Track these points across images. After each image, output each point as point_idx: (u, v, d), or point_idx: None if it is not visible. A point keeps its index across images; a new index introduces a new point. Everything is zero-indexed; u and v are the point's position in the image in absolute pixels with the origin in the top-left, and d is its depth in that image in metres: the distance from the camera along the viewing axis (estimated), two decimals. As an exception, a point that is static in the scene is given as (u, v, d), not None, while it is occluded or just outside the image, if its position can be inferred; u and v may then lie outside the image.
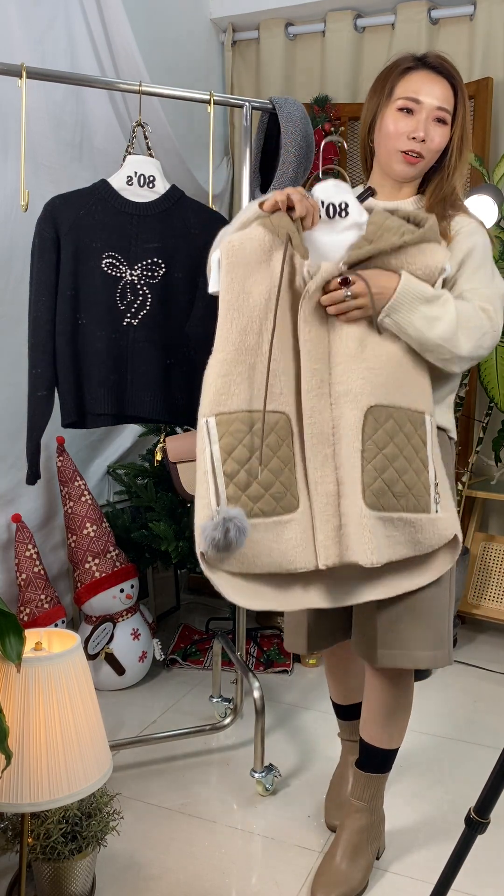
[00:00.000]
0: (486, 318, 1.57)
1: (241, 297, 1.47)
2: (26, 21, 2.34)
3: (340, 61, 3.39)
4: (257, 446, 1.46)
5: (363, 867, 1.75)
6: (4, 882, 1.73)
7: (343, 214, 1.53)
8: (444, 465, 1.64)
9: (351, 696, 1.96)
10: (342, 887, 1.70)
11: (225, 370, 1.46)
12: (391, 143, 1.66)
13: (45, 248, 1.91)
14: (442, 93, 1.62)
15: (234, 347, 1.46)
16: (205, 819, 1.98)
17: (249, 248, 1.47)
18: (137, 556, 2.77)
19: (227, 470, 1.44)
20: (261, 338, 1.48)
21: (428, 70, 1.64)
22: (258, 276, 1.48)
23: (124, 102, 2.72)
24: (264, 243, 1.48)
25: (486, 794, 1.25)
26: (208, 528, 1.38)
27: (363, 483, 1.47)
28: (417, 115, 1.63)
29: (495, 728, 2.44)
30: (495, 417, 3.18)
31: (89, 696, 1.48)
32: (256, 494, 1.46)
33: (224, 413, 1.45)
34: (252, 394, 1.47)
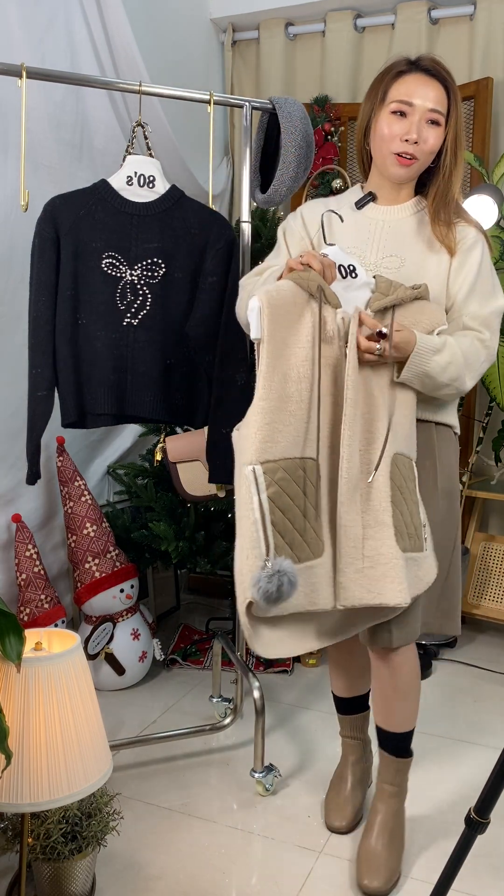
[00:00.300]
0: (483, 347, 1.68)
1: (280, 346, 1.53)
2: (26, 21, 2.34)
3: (340, 61, 3.39)
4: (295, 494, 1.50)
5: (398, 851, 1.80)
6: (4, 882, 1.73)
7: (354, 275, 1.64)
8: (449, 460, 1.76)
9: (354, 687, 1.97)
10: (385, 872, 1.74)
11: (270, 418, 1.49)
12: (385, 145, 1.69)
13: (45, 248, 1.91)
14: (435, 95, 1.65)
15: (277, 395, 1.51)
16: (205, 819, 1.98)
17: (285, 298, 1.55)
18: (137, 556, 2.77)
19: (275, 519, 1.47)
20: (299, 385, 1.54)
21: (421, 73, 1.66)
22: (294, 327, 1.56)
23: (124, 102, 2.72)
24: (296, 296, 1.56)
25: (486, 794, 1.25)
26: (262, 580, 1.40)
27: (396, 528, 1.55)
28: (410, 118, 1.66)
29: (495, 728, 2.44)
30: (495, 417, 3.18)
31: (89, 696, 1.48)
32: (295, 542, 1.51)
33: (270, 461, 1.48)
34: (293, 442, 1.52)
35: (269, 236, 2.79)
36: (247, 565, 1.45)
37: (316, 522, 1.54)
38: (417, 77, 1.65)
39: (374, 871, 1.74)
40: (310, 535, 1.53)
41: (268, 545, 1.45)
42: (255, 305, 1.53)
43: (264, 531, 1.45)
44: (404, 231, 1.75)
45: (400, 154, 1.67)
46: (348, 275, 1.64)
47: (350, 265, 1.64)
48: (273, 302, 1.52)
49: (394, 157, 1.69)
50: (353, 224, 1.78)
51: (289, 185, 2.05)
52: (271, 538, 1.46)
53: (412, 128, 1.65)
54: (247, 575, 1.43)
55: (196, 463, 2.14)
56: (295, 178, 2.05)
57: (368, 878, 1.73)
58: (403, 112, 1.65)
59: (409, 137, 1.65)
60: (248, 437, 1.48)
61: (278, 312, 1.53)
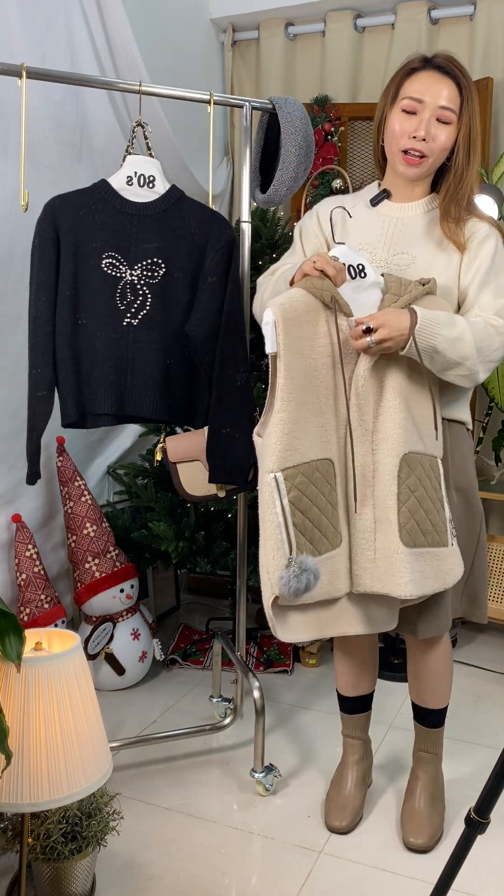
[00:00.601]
0: (497, 334, 1.66)
1: (296, 358, 1.59)
2: (26, 21, 2.34)
3: (340, 61, 3.39)
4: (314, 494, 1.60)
5: (441, 811, 1.92)
6: (4, 882, 1.73)
7: (363, 275, 1.66)
8: (462, 456, 1.80)
9: (359, 685, 1.99)
10: (429, 828, 1.87)
11: (289, 428, 1.58)
12: (394, 142, 1.69)
13: (45, 248, 1.91)
14: (447, 92, 1.65)
15: (295, 406, 1.58)
16: (205, 819, 1.98)
17: (298, 309, 1.59)
18: (137, 556, 2.77)
19: (296, 521, 1.57)
20: (314, 394, 1.62)
21: (433, 70, 1.66)
22: (308, 336, 1.61)
23: (124, 102, 2.72)
24: (309, 305, 1.61)
25: (486, 794, 1.25)
26: (290, 577, 1.52)
27: (399, 523, 1.63)
28: (420, 115, 1.66)
29: (495, 728, 2.44)
30: (495, 417, 3.18)
31: (89, 696, 1.48)
32: (315, 538, 1.61)
33: (289, 468, 1.57)
34: (309, 447, 1.61)
35: (269, 236, 2.79)
36: (273, 564, 1.56)
37: (333, 516, 1.64)
38: (430, 74, 1.65)
39: (418, 829, 1.86)
40: (329, 529, 1.63)
41: (290, 545, 1.56)
42: (270, 319, 1.57)
43: (287, 532, 1.56)
44: (416, 228, 1.76)
45: (408, 151, 1.67)
46: (357, 275, 1.65)
47: (359, 264, 1.66)
48: (287, 315, 1.57)
49: (402, 155, 1.69)
50: (367, 221, 1.79)
51: (289, 185, 2.05)
52: (293, 538, 1.56)
53: (421, 125, 1.65)
54: (273, 573, 1.55)
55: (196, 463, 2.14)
56: (295, 178, 2.05)
57: (414, 836, 1.85)
58: (414, 110, 1.66)
59: (416, 134, 1.65)
60: (269, 447, 1.57)
61: (292, 325, 1.58)
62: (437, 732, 1.95)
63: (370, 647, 1.98)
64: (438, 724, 1.94)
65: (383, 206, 1.79)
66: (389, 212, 1.79)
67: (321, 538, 1.61)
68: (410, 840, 1.85)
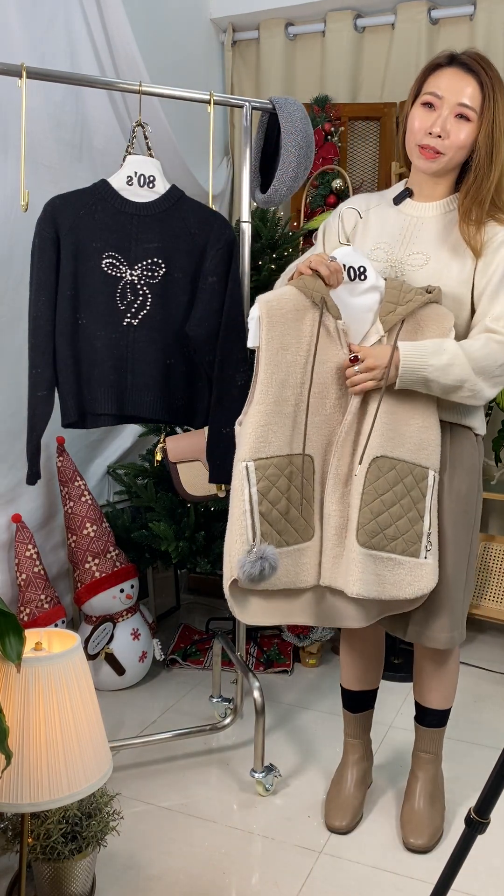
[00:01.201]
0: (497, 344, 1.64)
1: (279, 353, 1.62)
2: (26, 21, 2.34)
3: (340, 61, 3.38)
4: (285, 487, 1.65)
5: (440, 811, 1.93)
6: (4, 882, 1.73)
7: (362, 277, 1.66)
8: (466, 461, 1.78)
9: (364, 679, 1.99)
10: (429, 829, 1.87)
11: (264, 420, 1.62)
12: (411, 137, 1.70)
13: (45, 248, 1.91)
14: (469, 90, 1.62)
15: (273, 399, 1.62)
16: (205, 819, 1.98)
17: (285, 307, 1.62)
18: (137, 556, 2.77)
19: (262, 510, 1.63)
20: (296, 390, 1.65)
21: (457, 67, 1.64)
22: (294, 333, 1.64)
23: (124, 102, 2.72)
24: (297, 303, 1.63)
25: (486, 794, 1.25)
26: (246, 563, 1.58)
27: (358, 522, 1.66)
28: (439, 111, 1.65)
29: (495, 728, 2.44)
30: (495, 417, 3.18)
31: (89, 696, 1.48)
32: (283, 529, 1.66)
33: (262, 458, 1.62)
34: (285, 441, 1.65)
35: (269, 236, 2.79)
36: (234, 548, 1.61)
37: (307, 510, 1.69)
38: (453, 71, 1.64)
39: (418, 829, 1.87)
40: (299, 523, 1.68)
41: (254, 532, 1.62)
42: (255, 314, 1.61)
43: (252, 520, 1.62)
44: (433, 229, 1.74)
45: (424, 147, 1.66)
46: (357, 277, 1.66)
47: (361, 267, 1.66)
48: (272, 312, 1.61)
49: (418, 150, 1.68)
50: (389, 219, 1.79)
51: (289, 185, 2.05)
52: (258, 526, 1.62)
53: (438, 121, 1.63)
54: (234, 557, 1.61)
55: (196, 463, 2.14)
56: (295, 178, 2.05)
57: (414, 836, 1.86)
58: (432, 104, 1.65)
59: (432, 130, 1.64)
60: (245, 436, 1.62)
61: (277, 321, 1.61)
62: (438, 733, 1.95)
63: (376, 642, 1.98)
64: (439, 724, 1.94)
65: (405, 204, 1.79)
66: (410, 210, 1.78)
67: (289, 530, 1.67)
68: (410, 840, 1.85)
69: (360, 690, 2.00)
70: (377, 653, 2.00)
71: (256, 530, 1.62)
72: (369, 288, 1.67)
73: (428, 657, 1.89)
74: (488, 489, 3.10)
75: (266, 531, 1.63)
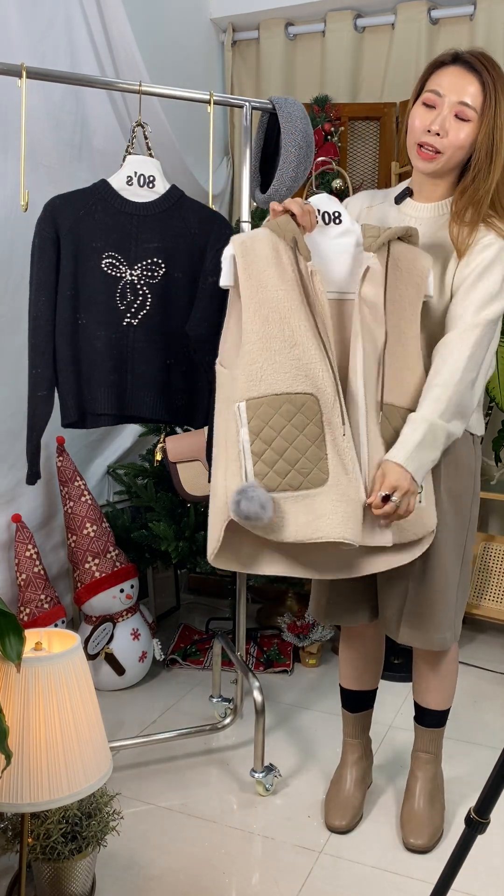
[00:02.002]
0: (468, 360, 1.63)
1: (259, 290, 1.60)
2: (26, 21, 2.34)
3: (340, 61, 3.38)
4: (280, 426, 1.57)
5: (440, 811, 1.93)
6: (4, 882, 1.73)
7: (337, 222, 1.67)
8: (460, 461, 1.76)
9: (363, 679, 1.99)
10: (429, 829, 1.87)
11: (252, 358, 1.59)
12: (411, 136, 1.69)
13: (44, 248, 1.91)
14: (471, 89, 1.61)
15: (258, 337, 1.59)
16: (205, 819, 1.98)
17: (259, 246, 1.62)
18: (137, 556, 2.77)
19: (255, 449, 1.57)
20: (281, 325, 1.59)
21: (460, 66, 1.62)
22: (270, 271, 1.61)
23: (124, 102, 2.72)
24: (272, 242, 1.62)
25: (486, 794, 1.25)
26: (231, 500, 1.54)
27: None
28: (439, 110, 1.64)
29: (495, 728, 2.44)
30: (495, 417, 3.18)
31: (89, 696, 1.48)
32: (283, 470, 1.58)
33: (253, 398, 1.58)
34: (279, 379, 1.58)
35: (269, 236, 2.79)
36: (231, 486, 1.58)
37: (313, 454, 1.58)
38: (456, 70, 1.62)
39: (418, 829, 1.87)
40: (305, 466, 1.58)
41: (246, 472, 1.57)
42: (229, 253, 1.61)
43: (244, 459, 1.58)
44: (435, 229, 1.74)
45: (422, 145, 1.65)
46: (331, 221, 1.67)
47: (335, 212, 1.67)
48: (247, 251, 1.60)
49: (417, 149, 1.67)
50: (388, 218, 1.80)
51: (289, 184, 2.05)
52: (249, 466, 1.57)
53: (437, 119, 1.62)
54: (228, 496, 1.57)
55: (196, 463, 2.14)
56: (295, 177, 2.05)
57: (413, 836, 1.86)
58: (433, 103, 1.63)
59: (431, 128, 1.62)
60: (237, 378, 1.59)
61: (251, 259, 1.60)
62: (437, 733, 1.95)
63: (376, 641, 1.98)
64: (438, 724, 1.94)
65: (405, 204, 1.79)
66: (409, 210, 1.78)
67: (294, 473, 1.57)
68: (410, 841, 1.86)
69: (359, 690, 2.00)
70: (377, 653, 2.00)
71: (248, 470, 1.56)
72: (343, 232, 1.67)
73: (424, 658, 1.89)
74: (488, 489, 3.10)
75: (261, 471, 1.56)
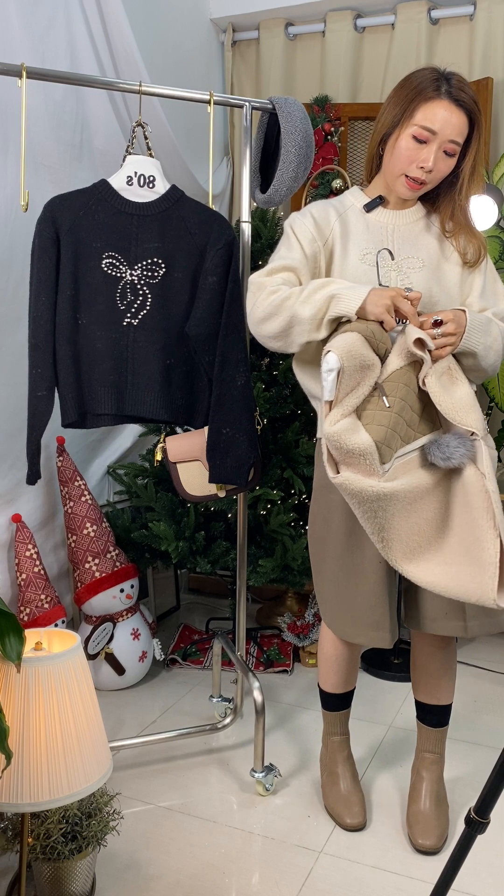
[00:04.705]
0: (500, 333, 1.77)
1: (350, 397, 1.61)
2: (26, 21, 2.34)
3: (340, 61, 3.39)
4: None
5: (446, 811, 1.94)
6: (4, 882, 1.73)
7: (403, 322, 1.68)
8: None
9: (349, 682, 2.02)
10: (437, 829, 1.88)
11: None
12: (399, 165, 1.74)
13: (45, 248, 1.91)
14: (458, 125, 1.69)
15: None
16: (205, 819, 1.98)
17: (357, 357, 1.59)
18: (137, 556, 2.77)
19: None
20: None
21: (450, 100, 1.69)
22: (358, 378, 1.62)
23: (124, 102, 2.72)
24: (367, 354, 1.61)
25: (486, 794, 1.25)
26: None
27: None
28: (430, 146, 1.70)
29: (495, 728, 2.44)
30: (495, 417, 3.18)
31: (89, 696, 1.48)
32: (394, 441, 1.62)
33: None
34: None
35: (269, 236, 2.79)
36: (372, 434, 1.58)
37: None
38: (446, 105, 1.68)
39: (426, 830, 1.88)
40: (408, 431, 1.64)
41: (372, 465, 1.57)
42: (335, 366, 1.57)
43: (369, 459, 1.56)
44: (415, 234, 1.81)
45: (412, 178, 1.72)
46: (400, 321, 1.69)
47: None
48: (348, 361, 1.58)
49: (404, 179, 1.74)
50: (367, 227, 1.81)
51: (289, 184, 2.05)
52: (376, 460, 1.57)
53: (430, 157, 1.69)
54: None
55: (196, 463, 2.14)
56: (295, 178, 2.05)
57: (422, 837, 1.87)
58: (426, 140, 1.69)
59: (424, 165, 1.70)
60: None
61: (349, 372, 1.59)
62: (442, 732, 1.97)
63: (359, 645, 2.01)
64: (443, 722, 1.96)
65: (376, 212, 1.82)
66: (384, 219, 1.81)
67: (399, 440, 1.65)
68: (419, 841, 1.86)
69: (344, 692, 2.02)
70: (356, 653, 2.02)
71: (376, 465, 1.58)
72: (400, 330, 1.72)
73: (434, 655, 1.91)
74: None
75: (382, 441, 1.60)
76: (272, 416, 2.62)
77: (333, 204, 1.84)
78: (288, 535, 2.57)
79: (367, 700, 2.58)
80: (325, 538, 1.82)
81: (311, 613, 2.84)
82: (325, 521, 1.82)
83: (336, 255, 1.78)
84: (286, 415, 2.70)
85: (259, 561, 2.56)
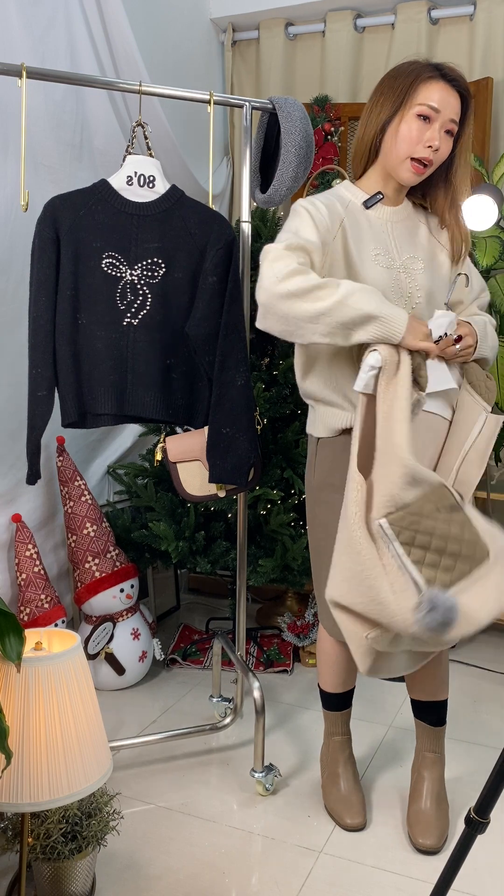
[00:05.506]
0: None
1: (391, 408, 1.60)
2: (26, 21, 2.34)
3: (340, 61, 3.39)
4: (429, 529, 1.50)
5: (446, 811, 1.94)
6: (4, 882, 1.73)
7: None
8: None
9: (349, 681, 2.02)
10: (438, 829, 1.88)
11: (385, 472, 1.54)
12: (405, 147, 1.70)
13: (44, 248, 1.91)
14: (455, 105, 1.69)
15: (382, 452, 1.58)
16: (205, 819, 1.98)
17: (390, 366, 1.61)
18: (137, 556, 2.77)
19: (414, 559, 1.49)
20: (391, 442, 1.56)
21: (445, 81, 1.69)
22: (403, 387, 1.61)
23: (124, 102, 2.72)
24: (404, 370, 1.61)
25: (486, 794, 1.25)
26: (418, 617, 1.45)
27: None
28: (433, 124, 1.69)
29: (495, 728, 2.44)
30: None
31: (89, 696, 1.48)
32: (448, 566, 1.51)
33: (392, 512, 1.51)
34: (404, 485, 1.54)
35: (269, 236, 2.79)
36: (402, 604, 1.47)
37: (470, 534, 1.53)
38: (443, 86, 1.68)
39: (427, 830, 1.88)
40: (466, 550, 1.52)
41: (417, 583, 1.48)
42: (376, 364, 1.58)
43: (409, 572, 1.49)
44: (410, 231, 1.80)
45: (419, 160, 1.70)
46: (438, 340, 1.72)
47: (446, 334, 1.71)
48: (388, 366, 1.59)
49: (410, 163, 1.70)
50: (368, 225, 1.77)
51: (289, 184, 2.05)
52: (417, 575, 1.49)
53: (436, 135, 1.68)
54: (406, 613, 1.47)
55: (196, 463, 2.14)
56: (295, 177, 2.05)
57: (423, 837, 1.87)
58: (429, 117, 1.68)
59: (432, 143, 1.68)
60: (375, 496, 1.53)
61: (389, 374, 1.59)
62: (441, 731, 1.97)
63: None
64: (442, 720, 1.96)
65: (377, 209, 1.79)
66: (382, 215, 1.78)
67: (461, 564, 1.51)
68: (420, 841, 1.86)
69: (345, 692, 2.02)
70: None
71: (419, 580, 1.48)
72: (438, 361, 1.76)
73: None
74: (489, 489, 3.10)
75: (430, 576, 1.49)
76: (272, 416, 2.62)
77: (334, 198, 1.77)
78: (288, 534, 2.57)
79: (368, 700, 2.58)
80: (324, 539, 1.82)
81: (311, 613, 2.84)
82: (325, 526, 1.82)
83: (352, 253, 1.72)
84: (286, 415, 2.70)
85: (259, 561, 2.56)
